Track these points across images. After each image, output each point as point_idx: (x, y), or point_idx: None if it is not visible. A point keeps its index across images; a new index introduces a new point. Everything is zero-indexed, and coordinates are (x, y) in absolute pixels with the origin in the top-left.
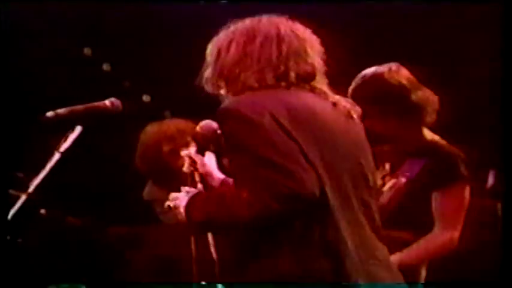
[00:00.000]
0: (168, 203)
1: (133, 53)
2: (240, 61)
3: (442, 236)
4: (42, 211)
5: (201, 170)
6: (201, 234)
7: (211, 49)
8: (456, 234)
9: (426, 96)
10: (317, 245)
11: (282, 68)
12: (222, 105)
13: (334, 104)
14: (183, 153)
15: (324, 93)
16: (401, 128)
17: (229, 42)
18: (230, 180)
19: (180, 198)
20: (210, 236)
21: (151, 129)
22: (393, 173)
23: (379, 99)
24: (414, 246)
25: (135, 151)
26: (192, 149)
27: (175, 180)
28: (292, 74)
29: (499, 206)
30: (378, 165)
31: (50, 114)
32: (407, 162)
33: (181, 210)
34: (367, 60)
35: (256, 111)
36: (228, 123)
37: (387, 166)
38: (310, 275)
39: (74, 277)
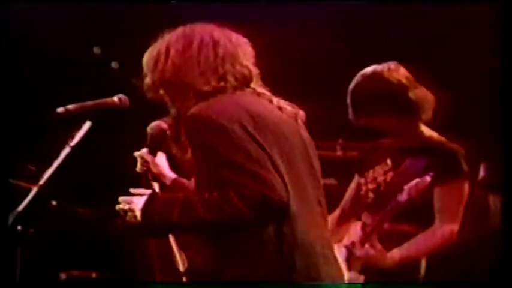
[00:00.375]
0: (120, 206)
1: (140, 52)
2: (181, 65)
3: (442, 229)
4: (53, 202)
5: (153, 169)
6: (156, 237)
7: (148, 58)
8: (456, 227)
9: (423, 94)
10: (274, 245)
11: (221, 70)
12: (192, 112)
13: (280, 108)
14: (136, 154)
15: (269, 98)
16: (400, 125)
17: (167, 49)
18: (183, 179)
19: (135, 202)
20: (172, 239)
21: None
22: (396, 169)
23: (378, 96)
24: (415, 240)
25: (143, 145)
26: (144, 150)
27: (180, 171)
28: (231, 77)
29: (491, 197)
30: (380, 161)
31: (60, 110)
32: (409, 159)
33: (138, 213)
34: (367, 60)
35: (227, 118)
36: (199, 129)
37: (389, 162)
38: (267, 274)
39: (84, 265)
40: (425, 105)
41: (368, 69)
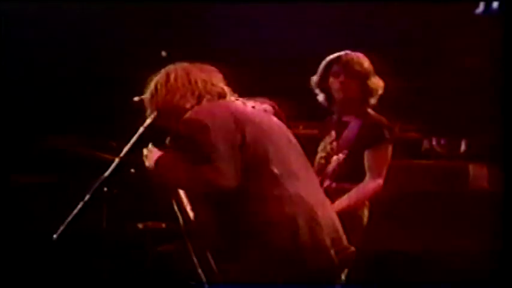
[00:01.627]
0: (144, 152)
1: (199, 53)
2: (166, 94)
3: (371, 184)
4: (132, 170)
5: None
6: (155, 181)
7: (146, 98)
8: (381, 181)
9: (377, 82)
10: (275, 204)
11: (197, 92)
12: (185, 116)
13: (253, 107)
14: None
15: (242, 101)
16: (352, 101)
17: (155, 87)
18: None
19: (154, 152)
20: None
21: None
22: (338, 139)
23: (351, 74)
24: (351, 192)
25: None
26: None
27: None
28: (207, 95)
29: (470, 165)
30: (328, 132)
31: (136, 99)
32: (346, 130)
33: (154, 157)
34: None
35: (207, 117)
36: (186, 127)
37: (333, 133)
38: (277, 223)
39: (156, 218)
40: (375, 91)
41: (346, 52)
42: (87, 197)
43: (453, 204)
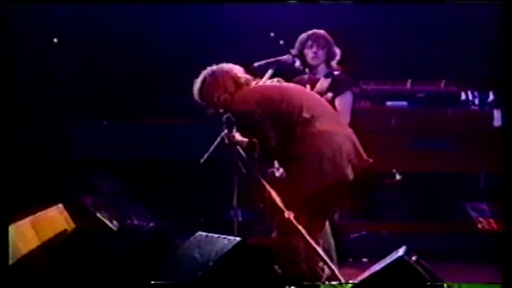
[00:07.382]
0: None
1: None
2: (207, 92)
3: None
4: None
5: (235, 139)
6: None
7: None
8: (347, 119)
9: (336, 50)
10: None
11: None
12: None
13: (278, 81)
14: (222, 134)
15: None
16: (321, 64)
17: (201, 85)
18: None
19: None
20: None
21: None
22: (312, 89)
23: (321, 45)
24: None
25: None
26: (225, 130)
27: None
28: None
29: (494, 111)
30: (304, 85)
31: (256, 64)
32: (319, 83)
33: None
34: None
35: (246, 100)
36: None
37: (308, 87)
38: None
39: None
40: (336, 56)
41: (315, 30)
42: (223, 133)
43: (480, 139)
